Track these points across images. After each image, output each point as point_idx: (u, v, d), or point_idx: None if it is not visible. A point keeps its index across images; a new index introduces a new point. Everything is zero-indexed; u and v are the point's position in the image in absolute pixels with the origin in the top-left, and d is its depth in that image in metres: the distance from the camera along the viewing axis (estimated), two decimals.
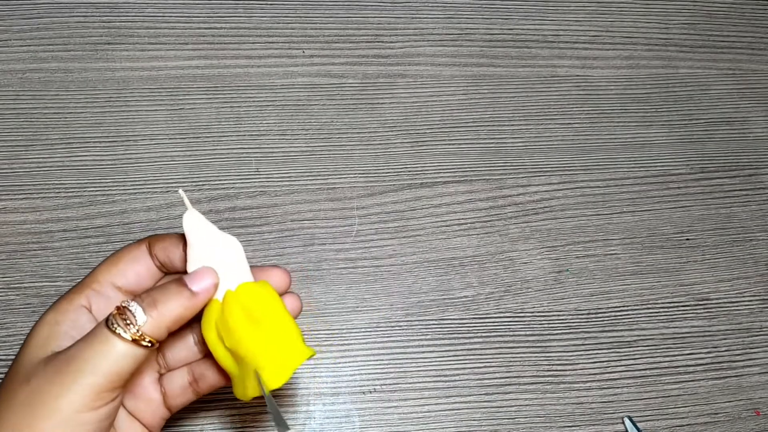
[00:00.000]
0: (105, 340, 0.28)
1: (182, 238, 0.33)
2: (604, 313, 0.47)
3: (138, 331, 0.29)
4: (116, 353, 0.28)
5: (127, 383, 0.30)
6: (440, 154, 0.50)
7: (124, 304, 0.29)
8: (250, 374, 0.30)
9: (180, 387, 0.34)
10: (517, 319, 0.46)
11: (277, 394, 0.42)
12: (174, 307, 0.30)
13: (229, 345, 0.30)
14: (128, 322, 0.29)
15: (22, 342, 0.42)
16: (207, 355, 0.34)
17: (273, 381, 0.29)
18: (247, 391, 0.30)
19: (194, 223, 0.31)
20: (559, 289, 0.47)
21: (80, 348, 0.29)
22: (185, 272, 0.33)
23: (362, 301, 0.45)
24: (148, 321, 0.29)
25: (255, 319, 0.30)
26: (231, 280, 0.31)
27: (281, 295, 0.32)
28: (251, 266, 0.32)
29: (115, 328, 0.28)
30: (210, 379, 0.35)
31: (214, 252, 0.31)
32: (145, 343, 0.29)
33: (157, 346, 0.30)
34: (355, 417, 0.42)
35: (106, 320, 0.29)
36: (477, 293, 0.46)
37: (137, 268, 0.33)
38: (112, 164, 0.47)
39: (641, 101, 0.53)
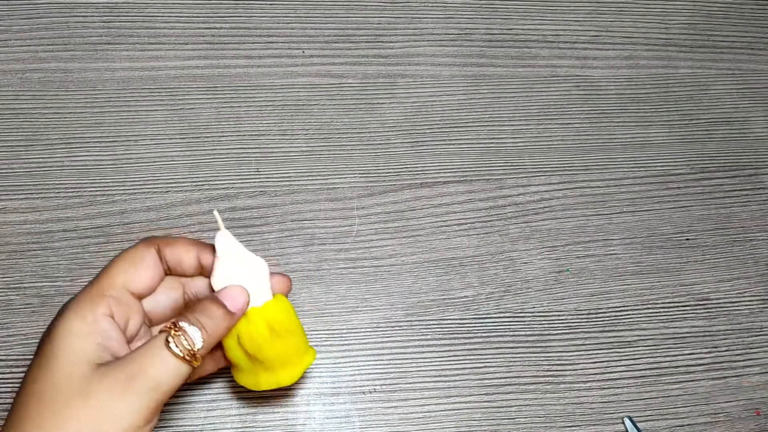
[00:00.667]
0: (166, 358, 0.31)
1: (192, 242, 0.36)
2: (604, 313, 0.47)
3: (193, 352, 0.31)
4: (175, 371, 0.31)
5: (154, 416, 0.31)
6: (440, 154, 0.50)
7: (181, 325, 0.31)
8: (264, 372, 0.35)
9: None
10: (517, 319, 0.46)
11: (279, 394, 0.42)
12: (219, 329, 0.33)
13: (250, 351, 0.34)
14: (187, 343, 0.31)
15: (22, 342, 0.42)
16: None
17: (287, 380, 0.36)
18: (260, 384, 0.36)
19: (226, 242, 0.34)
20: (559, 289, 0.47)
21: (142, 365, 0.30)
22: (204, 283, 0.36)
23: (362, 301, 0.45)
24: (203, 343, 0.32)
25: (276, 333, 0.34)
26: (255, 297, 0.35)
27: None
28: None
29: (176, 349, 0.31)
30: (207, 367, 0.37)
31: (241, 270, 0.34)
32: (196, 363, 0.32)
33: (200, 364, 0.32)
34: (355, 417, 0.42)
35: (166, 340, 0.31)
36: (477, 293, 0.46)
37: (149, 272, 0.34)
38: (111, 164, 0.47)
39: (641, 101, 0.53)
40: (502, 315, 0.46)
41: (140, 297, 0.35)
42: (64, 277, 0.44)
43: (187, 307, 0.36)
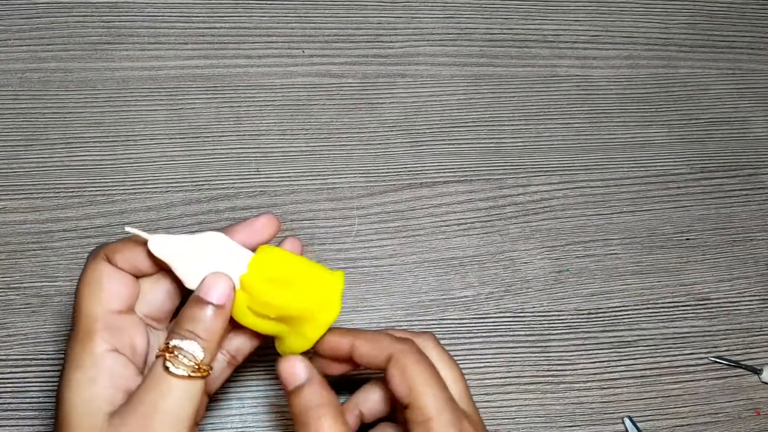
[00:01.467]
0: (172, 386, 0.28)
1: (137, 241, 0.32)
2: (604, 313, 0.47)
3: (198, 365, 0.29)
4: (188, 394, 0.28)
5: (198, 417, 0.29)
6: (440, 154, 0.50)
7: (173, 344, 0.29)
8: (305, 324, 0.31)
9: (218, 370, 0.34)
10: (517, 319, 0.46)
11: (280, 394, 0.42)
12: (214, 328, 0.30)
13: (273, 315, 0.31)
14: (187, 360, 0.29)
15: (22, 342, 0.42)
16: (235, 327, 0.33)
17: (331, 316, 0.32)
18: (308, 335, 0.32)
19: (163, 244, 0.31)
20: (559, 289, 0.47)
21: (151, 402, 0.28)
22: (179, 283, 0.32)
23: (362, 301, 0.45)
24: (204, 353, 0.29)
25: (284, 282, 0.31)
26: (237, 266, 0.31)
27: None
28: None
29: (178, 371, 0.28)
30: (246, 348, 0.34)
31: (200, 257, 0.31)
32: (205, 374, 0.29)
33: (212, 370, 0.30)
34: None
35: (164, 366, 0.28)
36: (477, 293, 0.46)
37: (116, 284, 0.31)
38: (111, 164, 0.47)
39: (641, 101, 0.53)
40: (502, 315, 0.46)
41: (129, 310, 0.32)
42: (64, 277, 0.44)
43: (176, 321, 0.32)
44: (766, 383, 0.46)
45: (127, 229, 0.31)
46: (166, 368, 0.28)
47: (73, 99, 0.48)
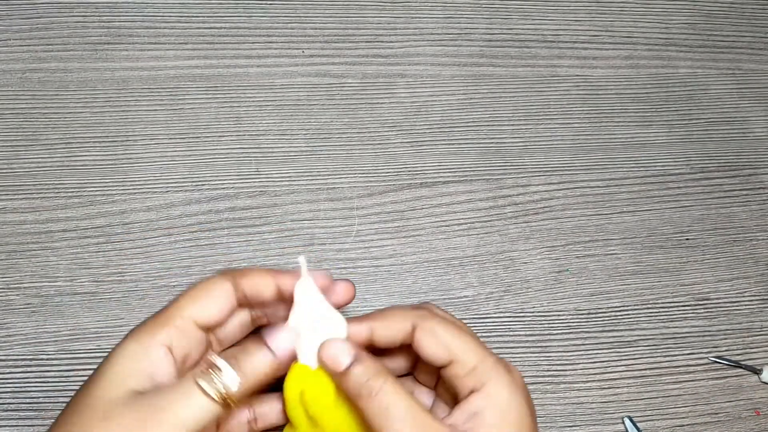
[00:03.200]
0: (194, 397, 0.29)
1: (268, 271, 0.33)
2: (604, 313, 0.47)
3: (227, 394, 0.29)
4: (202, 411, 0.29)
5: None
6: (440, 154, 0.50)
7: (217, 363, 0.30)
8: None
9: (238, 423, 0.35)
10: (517, 319, 0.46)
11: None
12: (259, 372, 0.31)
13: (311, 412, 0.32)
14: (220, 384, 0.29)
15: (22, 342, 0.42)
16: (269, 393, 0.34)
17: None
18: None
19: (306, 291, 0.32)
20: (559, 289, 0.47)
21: (168, 400, 0.29)
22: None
23: (362, 301, 0.45)
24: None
25: (343, 400, 0.32)
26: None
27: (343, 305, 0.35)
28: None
29: (206, 389, 0.29)
30: (270, 418, 0.35)
31: (316, 324, 0.32)
32: (227, 403, 0.29)
33: (235, 405, 0.30)
34: None
35: (196, 378, 0.29)
36: (477, 293, 0.46)
37: (219, 305, 0.32)
38: (111, 164, 0.47)
39: (641, 101, 0.53)
40: (501, 315, 0.46)
41: (208, 329, 0.33)
42: (63, 277, 0.44)
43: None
44: (766, 383, 0.46)
45: (300, 258, 0.32)
46: (197, 380, 0.29)
47: (73, 99, 0.48)
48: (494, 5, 0.55)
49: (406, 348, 0.35)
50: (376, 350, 0.34)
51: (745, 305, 0.48)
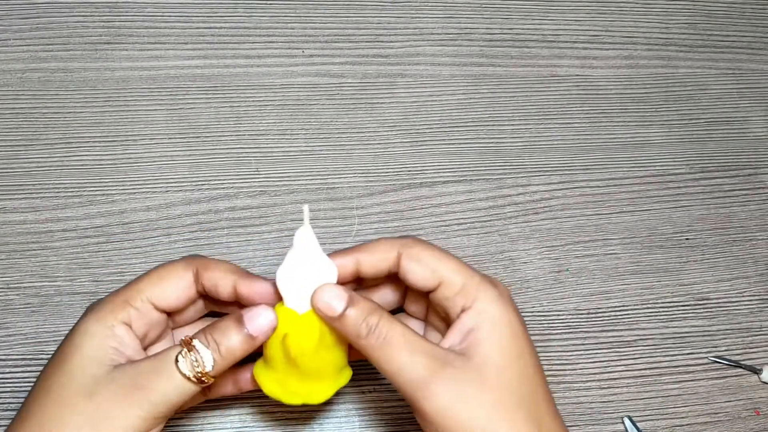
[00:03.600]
0: (173, 375, 0.30)
1: (233, 269, 0.34)
2: (604, 312, 0.47)
3: (202, 373, 0.31)
4: (180, 388, 0.30)
5: (180, 409, 0.32)
6: (440, 154, 0.50)
7: (194, 344, 0.31)
8: (296, 382, 0.33)
9: (221, 384, 0.37)
10: None
11: None
12: (235, 352, 0.31)
13: (293, 354, 0.32)
14: (197, 364, 0.30)
15: (21, 342, 0.42)
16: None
17: (318, 397, 0.34)
18: (287, 395, 0.34)
19: (304, 239, 0.32)
20: (558, 288, 0.47)
21: (148, 377, 0.30)
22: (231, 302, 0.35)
23: None
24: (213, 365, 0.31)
25: (325, 344, 0.33)
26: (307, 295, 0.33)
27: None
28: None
29: (183, 368, 0.30)
30: (236, 389, 0.37)
31: (309, 269, 0.32)
32: (204, 382, 0.31)
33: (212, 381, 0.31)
34: (355, 417, 0.42)
35: (176, 358, 0.30)
36: None
37: (179, 291, 0.34)
38: (111, 164, 0.47)
39: (641, 101, 0.53)
40: None
41: (166, 312, 0.34)
42: (63, 277, 0.44)
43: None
44: (765, 383, 0.46)
45: (305, 207, 0.32)
46: (176, 360, 0.30)
47: (73, 99, 0.48)
48: (494, 5, 0.55)
49: (394, 280, 0.36)
50: (365, 285, 0.36)
51: (745, 305, 0.48)
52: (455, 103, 0.51)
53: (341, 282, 0.33)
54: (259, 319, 0.32)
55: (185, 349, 0.31)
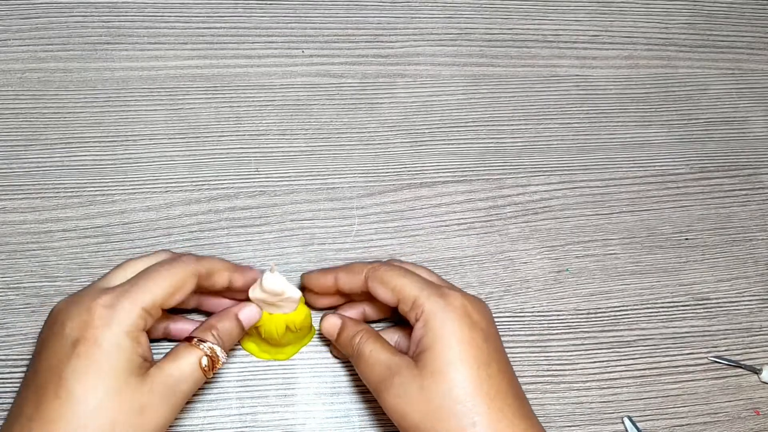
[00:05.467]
0: (198, 378, 0.35)
1: (226, 265, 0.39)
2: (604, 312, 0.47)
3: (216, 366, 0.36)
4: (196, 382, 0.36)
5: None
6: (440, 154, 0.50)
7: (211, 347, 0.36)
8: (267, 346, 0.42)
9: (155, 329, 0.41)
10: (516, 319, 0.46)
11: (279, 394, 0.42)
12: (233, 342, 0.39)
13: (264, 336, 0.41)
14: (215, 359, 0.36)
15: (21, 342, 0.42)
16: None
17: (286, 358, 0.43)
18: (261, 353, 0.43)
19: (272, 279, 0.38)
20: (558, 288, 0.47)
21: (176, 377, 0.35)
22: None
23: None
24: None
25: (290, 330, 0.40)
26: (282, 309, 0.40)
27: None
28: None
29: (207, 371, 0.36)
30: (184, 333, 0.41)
31: (273, 294, 0.39)
32: (213, 372, 0.36)
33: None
34: (355, 417, 0.42)
35: (199, 362, 0.35)
36: (476, 293, 0.46)
37: (184, 295, 0.37)
38: (111, 164, 0.47)
39: (640, 101, 0.53)
40: (501, 315, 0.46)
41: (161, 306, 0.37)
42: (63, 277, 0.44)
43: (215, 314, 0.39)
44: (765, 383, 0.46)
45: (271, 264, 0.38)
46: (201, 363, 0.35)
47: (73, 99, 0.48)
48: (494, 5, 0.55)
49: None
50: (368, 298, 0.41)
51: (745, 305, 0.48)
52: (455, 103, 0.51)
53: (324, 293, 0.42)
54: (249, 314, 0.39)
55: (204, 355, 0.35)
